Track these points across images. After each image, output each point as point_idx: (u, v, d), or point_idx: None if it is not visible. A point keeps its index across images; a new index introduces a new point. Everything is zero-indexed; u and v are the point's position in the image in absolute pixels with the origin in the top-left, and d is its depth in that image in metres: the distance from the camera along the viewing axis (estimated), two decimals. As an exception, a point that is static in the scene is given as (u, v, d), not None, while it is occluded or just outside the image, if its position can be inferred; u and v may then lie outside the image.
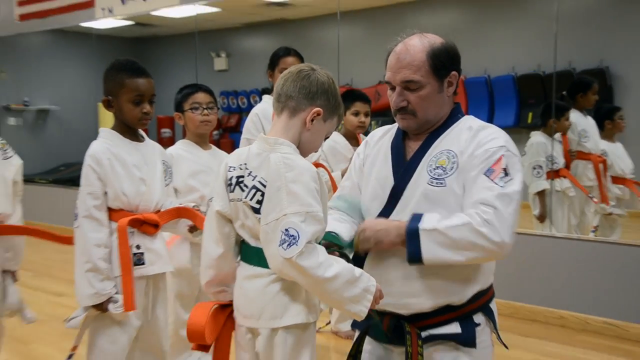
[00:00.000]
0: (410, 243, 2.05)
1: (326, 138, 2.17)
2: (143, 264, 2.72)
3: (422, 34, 2.27)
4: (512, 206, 2.07)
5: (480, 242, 2.03)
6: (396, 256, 2.10)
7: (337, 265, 1.88)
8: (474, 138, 2.21)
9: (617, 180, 4.97)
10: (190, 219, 2.91)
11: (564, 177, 5.01)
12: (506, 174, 2.12)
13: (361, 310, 1.92)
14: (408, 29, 2.33)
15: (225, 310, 2.17)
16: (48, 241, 2.91)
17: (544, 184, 5.00)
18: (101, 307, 2.64)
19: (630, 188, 4.94)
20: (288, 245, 1.83)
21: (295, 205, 1.87)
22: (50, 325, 4.39)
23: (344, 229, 2.16)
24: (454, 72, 2.27)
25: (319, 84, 2.02)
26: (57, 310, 4.79)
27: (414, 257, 2.06)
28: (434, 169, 2.21)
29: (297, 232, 1.84)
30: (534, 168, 5.01)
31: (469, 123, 2.27)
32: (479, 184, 2.11)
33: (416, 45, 2.24)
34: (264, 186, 1.93)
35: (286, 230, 1.84)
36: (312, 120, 2.02)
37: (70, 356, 2.77)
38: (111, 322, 2.70)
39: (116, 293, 2.66)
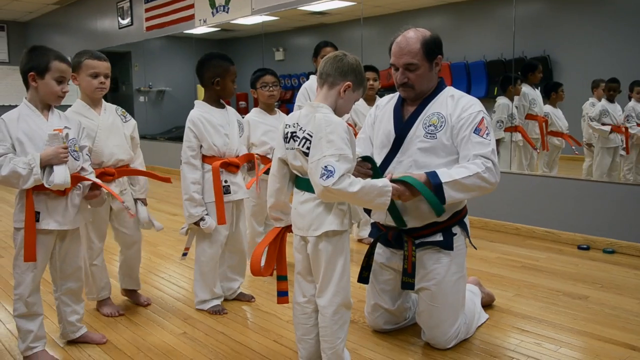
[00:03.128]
0: (437, 194, 2.05)
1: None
2: (230, 192, 2.74)
3: (415, 29, 2.23)
4: (497, 156, 2.14)
5: (484, 185, 2.09)
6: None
7: (361, 182, 1.85)
8: (457, 104, 2.20)
9: (557, 134, 4.90)
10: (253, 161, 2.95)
11: (519, 132, 4.92)
12: (488, 131, 2.14)
13: (386, 199, 1.90)
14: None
15: (278, 235, 2.14)
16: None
17: (502, 134, 4.96)
18: (197, 224, 2.69)
19: (566, 139, 4.86)
20: (327, 177, 1.81)
21: (332, 149, 1.83)
22: (169, 234, 4.49)
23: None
24: (439, 56, 2.24)
25: (349, 65, 1.97)
26: (173, 224, 4.89)
27: (441, 202, 2.08)
28: (428, 126, 2.20)
29: (334, 168, 1.81)
30: (498, 122, 4.97)
31: (450, 92, 2.26)
32: (473, 140, 2.13)
33: (412, 37, 2.20)
34: (311, 136, 1.90)
35: (325, 166, 1.81)
36: (345, 91, 1.97)
37: (184, 254, 2.83)
38: (208, 233, 2.74)
39: (207, 215, 2.68)
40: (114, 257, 3.27)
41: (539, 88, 4.97)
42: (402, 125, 2.24)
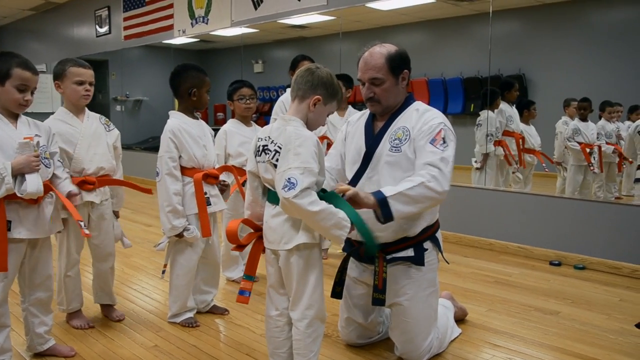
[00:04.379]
0: (383, 209, 2.01)
1: (330, 114, 2.10)
2: (210, 204, 2.74)
3: (382, 44, 2.25)
4: (449, 166, 2.09)
5: (431, 194, 2.04)
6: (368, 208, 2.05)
7: (323, 204, 1.84)
8: (420, 117, 2.21)
9: (529, 151, 5.00)
10: (231, 173, 3.09)
11: (501, 146, 4.99)
12: (444, 142, 2.13)
13: (342, 234, 1.86)
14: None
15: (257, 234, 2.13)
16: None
17: (491, 148, 4.99)
18: (179, 235, 2.67)
19: (538, 157, 4.96)
20: (288, 189, 1.81)
21: (297, 162, 1.84)
22: (143, 245, 4.45)
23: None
24: (405, 70, 2.26)
25: (319, 78, 1.97)
26: (148, 236, 4.85)
27: (388, 217, 2.03)
28: (393, 140, 2.21)
29: (296, 180, 1.81)
30: (487, 135, 5.00)
31: (416, 106, 2.27)
32: (426, 149, 2.12)
33: (377, 52, 2.22)
34: (281, 149, 1.91)
35: (288, 178, 1.82)
36: (315, 105, 1.97)
37: (163, 271, 2.80)
38: (186, 245, 2.74)
39: (189, 224, 2.67)
40: (88, 270, 3.22)
41: (514, 105, 5.07)
42: (372, 141, 2.27)
